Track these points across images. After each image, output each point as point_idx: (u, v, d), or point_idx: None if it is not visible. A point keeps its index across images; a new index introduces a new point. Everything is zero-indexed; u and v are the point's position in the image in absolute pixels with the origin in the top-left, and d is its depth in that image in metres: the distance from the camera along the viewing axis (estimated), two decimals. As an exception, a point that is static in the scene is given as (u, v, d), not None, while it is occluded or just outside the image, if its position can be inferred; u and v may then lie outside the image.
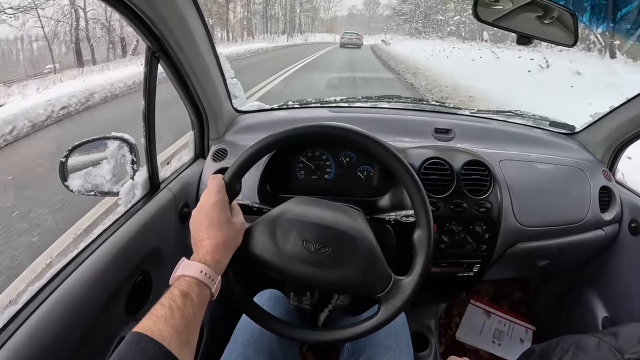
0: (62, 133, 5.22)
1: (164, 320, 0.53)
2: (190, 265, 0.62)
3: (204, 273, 0.61)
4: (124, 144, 1.01)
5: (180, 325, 0.53)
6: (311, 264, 0.71)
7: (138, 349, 0.49)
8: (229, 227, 0.68)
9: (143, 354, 0.49)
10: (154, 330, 0.51)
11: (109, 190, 1.01)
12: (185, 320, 0.55)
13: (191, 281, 0.60)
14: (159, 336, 0.51)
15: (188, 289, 0.58)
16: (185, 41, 0.90)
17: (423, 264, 0.73)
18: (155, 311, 0.54)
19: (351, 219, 0.77)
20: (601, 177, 1.28)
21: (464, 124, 1.37)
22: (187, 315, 0.55)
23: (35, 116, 5.05)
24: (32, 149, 4.67)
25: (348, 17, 70.85)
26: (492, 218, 1.10)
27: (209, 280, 0.62)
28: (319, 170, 1.17)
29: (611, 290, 1.33)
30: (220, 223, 0.67)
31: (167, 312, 0.54)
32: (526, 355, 1.00)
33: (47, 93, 6.41)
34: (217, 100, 1.17)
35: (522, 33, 0.88)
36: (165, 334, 0.51)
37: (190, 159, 1.21)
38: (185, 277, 0.60)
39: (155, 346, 0.50)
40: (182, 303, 0.56)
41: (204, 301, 0.61)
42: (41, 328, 0.64)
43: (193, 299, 0.58)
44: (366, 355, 0.88)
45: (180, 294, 0.57)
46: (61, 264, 0.77)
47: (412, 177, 0.74)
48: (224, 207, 0.69)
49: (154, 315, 0.53)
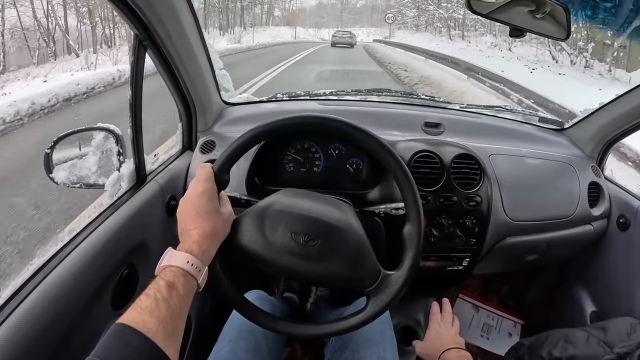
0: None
1: (149, 311, 0.52)
2: (177, 255, 0.61)
3: (190, 263, 0.60)
4: (110, 135, 0.99)
5: (165, 316, 0.52)
6: (299, 256, 0.70)
7: (122, 341, 0.48)
8: (216, 217, 0.67)
9: (127, 345, 0.48)
10: (138, 322, 0.50)
11: (94, 182, 0.99)
12: (171, 311, 0.53)
13: (177, 272, 0.58)
14: (143, 327, 0.49)
15: (174, 280, 0.57)
16: (174, 30, 0.88)
17: (412, 258, 0.73)
18: (140, 302, 0.53)
19: (341, 211, 0.76)
20: (590, 172, 1.29)
21: (453, 118, 1.37)
22: (173, 306, 0.54)
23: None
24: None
25: (317, 7, 63.30)
26: (482, 212, 1.10)
27: (195, 271, 0.60)
28: (308, 163, 1.16)
29: (599, 285, 1.34)
30: (207, 213, 0.66)
31: (153, 303, 0.52)
32: (515, 349, 1.00)
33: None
34: (206, 91, 1.15)
35: (515, 26, 0.88)
36: (150, 325, 0.50)
37: (177, 151, 1.19)
38: (172, 267, 0.59)
39: (140, 338, 0.49)
40: (168, 294, 0.54)
41: (190, 292, 0.60)
42: (25, 324, 0.62)
43: (179, 290, 0.56)
44: (352, 349, 0.88)
45: (165, 284, 0.56)
46: (45, 258, 0.75)
47: (404, 171, 0.74)
48: (212, 196, 0.68)
49: (138, 307, 0.52)
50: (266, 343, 0.87)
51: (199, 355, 0.88)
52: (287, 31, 42.99)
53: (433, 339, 0.97)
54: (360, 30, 52.63)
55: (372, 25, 56.31)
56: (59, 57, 13.37)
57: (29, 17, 13.33)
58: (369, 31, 54.06)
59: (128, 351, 0.47)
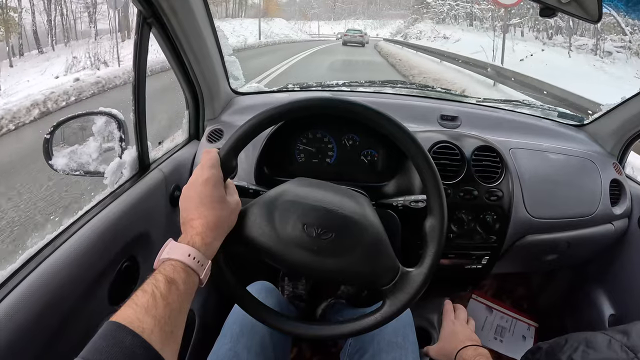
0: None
1: (145, 309, 0.47)
2: (178, 247, 0.56)
3: (192, 257, 0.55)
4: (112, 120, 0.94)
5: (163, 315, 0.47)
6: (312, 250, 0.65)
7: (114, 341, 0.43)
8: (222, 206, 0.62)
9: (119, 346, 0.43)
10: (133, 320, 0.45)
11: (95, 169, 0.95)
12: (170, 310, 0.48)
13: (178, 266, 0.53)
14: (138, 327, 0.45)
15: (174, 275, 0.52)
16: (181, 7, 0.83)
17: (434, 255, 0.68)
18: (136, 298, 0.48)
19: (357, 203, 0.71)
20: (612, 170, 1.24)
21: (470, 112, 1.32)
22: (172, 304, 0.49)
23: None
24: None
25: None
26: (503, 207, 1.05)
27: (197, 266, 0.55)
28: (320, 154, 1.11)
29: (619, 287, 1.29)
30: (212, 202, 0.61)
31: (150, 300, 0.48)
32: (532, 352, 0.95)
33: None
34: (214, 78, 1.11)
35: (546, 4, 0.82)
36: (146, 324, 0.45)
37: (184, 140, 1.15)
38: (172, 261, 0.54)
39: (134, 338, 0.44)
40: (167, 290, 0.50)
41: (191, 289, 0.54)
42: (13, 315, 0.58)
43: (179, 286, 0.51)
44: (372, 353, 0.82)
45: (164, 280, 0.51)
46: (38, 246, 0.70)
47: (427, 159, 0.69)
48: (217, 184, 0.62)
49: (134, 303, 0.47)
50: (271, 340, 0.81)
51: (203, 352, 0.83)
52: (261, 26, 30.09)
53: (448, 338, 0.93)
54: (355, 23, 49.29)
55: (369, 17, 53.29)
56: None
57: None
58: (365, 24, 49.93)
59: (119, 354, 0.42)
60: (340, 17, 55.45)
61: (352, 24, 48.99)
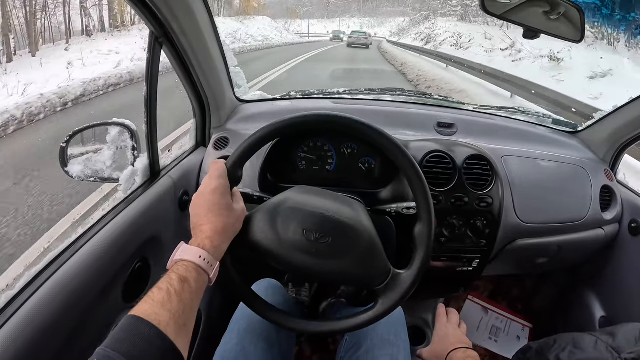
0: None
1: (161, 304, 0.52)
2: (189, 250, 0.62)
3: (202, 258, 0.61)
4: (125, 130, 1.01)
5: (177, 309, 0.53)
6: (311, 253, 0.71)
7: (133, 332, 0.49)
8: (229, 213, 0.68)
9: (139, 337, 0.49)
10: (150, 314, 0.51)
11: (109, 176, 1.01)
12: (183, 305, 0.54)
13: (189, 266, 0.59)
14: (155, 320, 0.50)
15: (186, 274, 0.58)
16: (189, 28, 0.89)
17: (422, 258, 0.73)
18: (153, 295, 0.54)
19: (353, 210, 0.77)
20: (603, 176, 1.28)
21: (467, 119, 1.36)
22: (185, 300, 0.55)
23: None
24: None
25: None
26: (493, 213, 1.09)
27: (207, 266, 0.61)
28: (321, 161, 1.17)
29: (609, 290, 1.33)
30: (220, 209, 0.67)
31: (165, 296, 0.53)
32: (523, 352, 1.00)
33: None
34: (220, 88, 1.16)
35: (529, 27, 0.87)
36: (162, 317, 0.51)
37: (191, 147, 1.21)
38: (184, 261, 0.60)
39: (152, 329, 0.49)
40: (180, 288, 0.55)
41: (201, 287, 0.60)
42: (38, 312, 0.64)
43: (191, 284, 0.57)
44: (365, 349, 0.88)
45: (178, 278, 0.56)
46: (59, 250, 0.76)
47: (416, 171, 0.74)
48: (224, 192, 0.68)
49: (150, 299, 0.53)
50: (277, 336, 0.87)
51: (209, 349, 0.89)
52: (237, 27, 25.47)
53: (440, 341, 0.97)
54: (350, 21, 45.83)
55: (365, 14, 49.79)
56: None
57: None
58: (361, 22, 46.00)
59: (139, 342, 0.48)
60: (334, 15, 52.16)
61: (347, 22, 44.92)
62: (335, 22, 50.07)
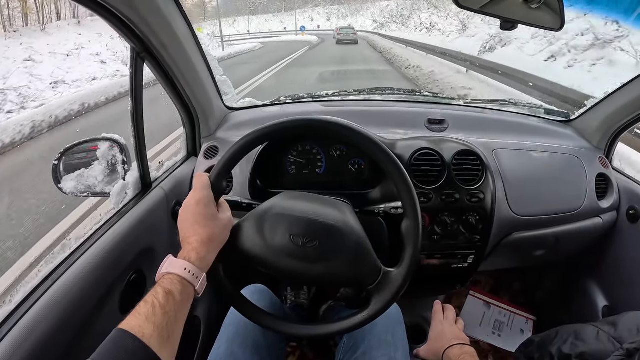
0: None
1: (146, 317, 0.54)
2: (175, 263, 0.63)
3: (187, 271, 0.62)
4: (115, 145, 1.02)
5: (161, 322, 0.54)
6: (299, 258, 0.71)
7: (119, 345, 0.51)
8: (214, 223, 0.69)
9: (123, 349, 0.50)
10: (134, 327, 0.52)
11: (101, 191, 1.03)
12: (167, 317, 0.56)
13: (174, 279, 0.61)
14: (139, 332, 0.52)
15: (171, 287, 0.59)
16: (169, 41, 0.90)
17: (412, 255, 0.73)
18: (139, 308, 0.55)
19: (339, 212, 0.77)
20: (598, 164, 1.27)
21: (457, 114, 1.36)
22: (169, 312, 0.56)
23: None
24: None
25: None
26: (485, 208, 1.09)
27: (192, 278, 0.62)
28: (310, 165, 1.17)
29: (610, 279, 1.32)
30: (205, 220, 0.68)
31: (150, 310, 0.55)
32: (525, 345, 1.00)
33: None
34: (207, 98, 1.17)
35: (506, 18, 0.85)
36: (146, 330, 0.52)
37: (182, 158, 1.22)
38: (170, 274, 0.61)
39: (135, 342, 0.51)
40: (165, 300, 0.57)
41: (187, 298, 0.62)
42: (35, 327, 0.65)
43: (176, 297, 0.59)
44: (363, 350, 0.88)
45: (163, 291, 0.58)
46: (53, 265, 0.77)
47: (397, 166, 0.73)
48: (208, 203, 0.70)
49: (137, 312, 0.55)
50: (264, 339, 0.88)
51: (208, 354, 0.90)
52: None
53: (436, 338, 0.97)
54: (314, 12, 40.28)
55: (333, 1, 43.52)
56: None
57: None
58: (329, 12, 40.24)
59: (123, 355, 0.50)
60: (295, 6, 42.86)
61: (309, 14, 40.26)
62: (296, 14, 42.62)
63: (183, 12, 0.91)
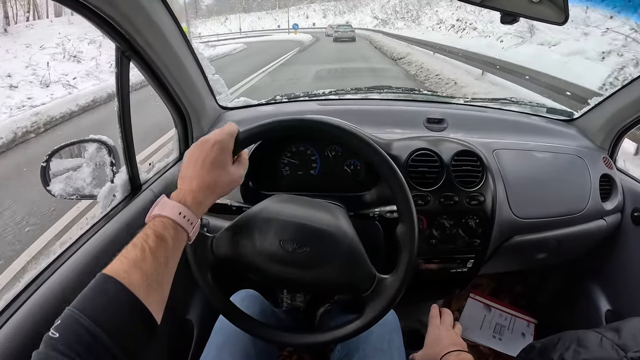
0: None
1: (134, 262, 0.49)
2: (169, 205, 0.57)
3: (182, 215, 0.57)
4: (103, 146, 0.99)
5: (150, 269, 0.50)
6: (289, 264, 0.68)
7: (99, 290, 0.47)
8: (221, 171, 0.63)
9: (103, 294, 0.46)
10: (119, 272, 0.48)
11: (89, 193, 1.00)
12: (157, 264, 0.51)
13: (168, 223, 0.55)
14: (124, 278, 0.47)
15: (164, 232, 0.54)
16: (155, 39, 0.86)
17: (407, 261, 0.69)
18: (126, 252, 0.51)
19: (331, 215, 0.74)
20: (602, 164, 1.23)
21: (457, 113, 1.32)
22: (160, 259, 0.52)
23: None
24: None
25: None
26: (485, 211, 1.05)
27: (187, 224, 0.57)
28: (304, 166, 1.14)
29: (614, 282, 1.29)
30: (214, 165, 0.62)
31: (138, 254, 0.50)
32: (526, 351, 0.96)
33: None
34: (198, 97, 1.14)
35: (507, 11, 0.81)
36: (133, 276, 0.48)
37: (174, 159, 1.18)
38: (162, 217, 0.56)
39: (118, 287, 0.46)
40: (156, 246, 0.52)
41: (179, 245, 0.57)
42: (17, 336, 0.62)
43: (168, 243, 0.54)
44: (357, 358, 0.85)
45: (154, 235, 0.53)
46: (37, 271, 0.75)
47: (391, 168, 0.69)
48: (225, 149, 0.64)
49: (123, 256, 0.50)
50: (254, 348, 0.84)
51: None
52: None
53: (433, 343, 0.94)
54: (309, 9, 38.88)
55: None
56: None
57: None
58: (325, 9, 38.37)
59: (102, 299, 0.46)
60: (287, 4, 41.55)
61: (304, 11, 39.26)
62: (290, 10, 41.08)
63: (170, 10, 0.87)
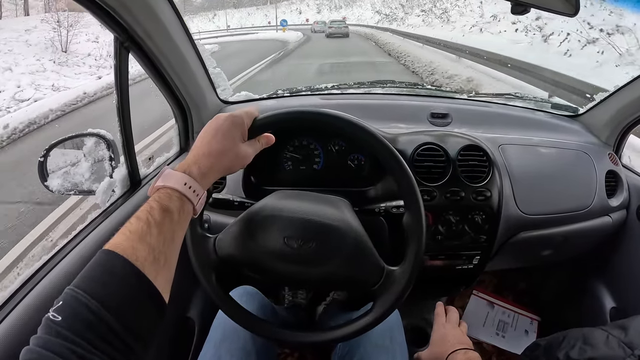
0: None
1: (139, 236, 0.46)
2: (173, 175, 0.54)
3: (188, 186, 0.54)
4: (101, 141, 0.97)
5: (157, 243, 0.47)
6: (295, 262, 0.67)
7: (104, 269, 0.43)
8: (230, 143, 0.61)
9: (110, 274, 0.42)
10: (126, 248, 0.44)
11: (88, 188, 0.98)
12: (163, 238, 0.48)
13: (173, 194, 0.52)
14: (132, 255, 0.44)
15: (169, 204, 0.51)
16: (154, 30, 0.84)
17: (416, 251, 0.67)
18: (130, 225, 0.47)
19: (336, 209, 0.72)
20: (607, 160, 1.21)
21: (461, 108, 1.30)
22: (166, 232, 0.49)
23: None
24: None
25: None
26: (492, 207, 1.03)
27: (193, 195, 0.54)
28: (307, 161, 1.12)
29: (619, 279, 1.28)
30: (224, 137, 0.60)
31: (144, 227, 0.47)
32: (531, 350, 0.95)
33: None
34: (199, 91, 1.11)
35: (517, 2, 0.80)
36: (140, 252, 0.44)
37: (174, 153, 1.17)
38: (167, 188, 0.53)
39: (126, 266, 0.43)
40: (161, 218, 0.49)
41: (185, 218, 0.54)
42: (14, 334, 0.61)
43: (173, 215, 0.51)
44: (359, 356, 0.83)
45: (159, 207, 0.50)
46: (33, 269, 0.73)
47: (397, 160, 0.67)
48: (238, 125, 0.62)
49: (127, 230, 0.46)
50: (253, 345, 0.82)
51: None
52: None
53: (438, 342, 0.92)
54: (303, 4, 36.69)
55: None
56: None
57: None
58: (319, 3, 36.56)
59: (110, 279, 0.42)
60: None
61: (297, 6, 37.08)
62: (281, 6, 38.56)
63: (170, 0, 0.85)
